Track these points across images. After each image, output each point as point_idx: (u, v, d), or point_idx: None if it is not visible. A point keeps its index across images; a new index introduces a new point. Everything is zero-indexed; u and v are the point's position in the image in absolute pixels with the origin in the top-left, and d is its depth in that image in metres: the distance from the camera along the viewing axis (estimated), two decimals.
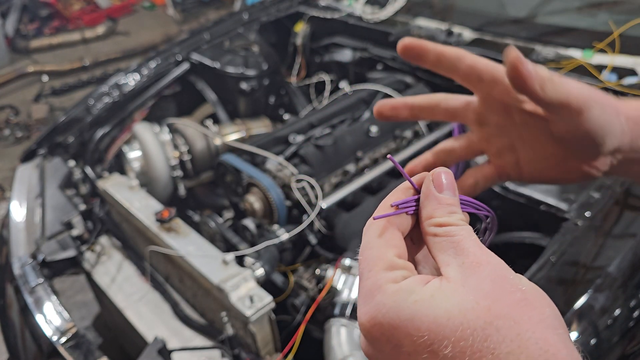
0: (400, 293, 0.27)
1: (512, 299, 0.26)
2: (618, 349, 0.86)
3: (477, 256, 0.28)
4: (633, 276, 0.90)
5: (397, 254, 0.30)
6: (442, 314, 0.26)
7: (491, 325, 0.25)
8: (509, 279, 0.27)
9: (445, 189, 0.32)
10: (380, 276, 0.29)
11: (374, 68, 1.80)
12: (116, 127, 1.70)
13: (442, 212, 0.31)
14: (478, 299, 0.26)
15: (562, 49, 1.45)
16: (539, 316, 0.26)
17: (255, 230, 1.26)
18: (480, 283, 0.27)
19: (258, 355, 1.01)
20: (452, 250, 0.29)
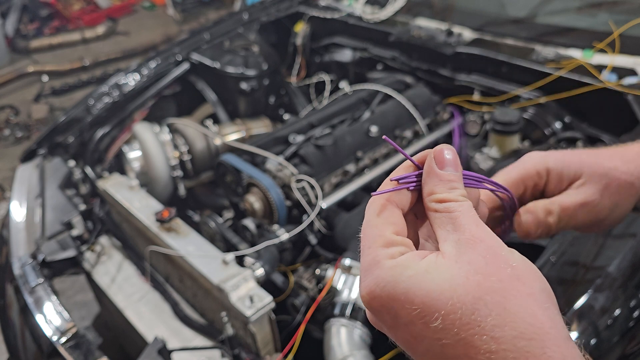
0: (397, 268, 0.29)
1: (503, 274, 0.28)
2: (618, 349, 0.86)
3: (473, 233, 0.30)
4: (633, 276, 0.90)
5: (395, 231, 0.32)
6: (434, 289, 0.27)
7: (480, 300, 0.26)
8: (501, 255, 0.29)
9: (447, 165, 0.33)
10: (379, 252, 0.30)
11: (374, 68, 1.80)
12: (116, 127, 1.70)
13: (443, 188, 0.32)
14: (469, 275, 0.27)
15: (562, 49, 1.45)
16: (527, 290, 0.27)
17: (255, 230, 1.26)
18: (473, 259, 0.28)
19: (258, 356, 1.01)
20: (451, 226, 0.30)
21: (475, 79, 1.53)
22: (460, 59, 1.55)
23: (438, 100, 1.58)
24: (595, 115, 1.33)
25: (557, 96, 1.35)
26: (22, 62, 4.49)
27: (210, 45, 1.86)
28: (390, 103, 1.54)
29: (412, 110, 1.51)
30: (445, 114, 1.58)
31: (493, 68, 1.49)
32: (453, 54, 1.55)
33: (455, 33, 1.62)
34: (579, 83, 1.30)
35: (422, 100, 1.55)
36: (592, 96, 1.28)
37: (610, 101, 1.26)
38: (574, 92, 1.30)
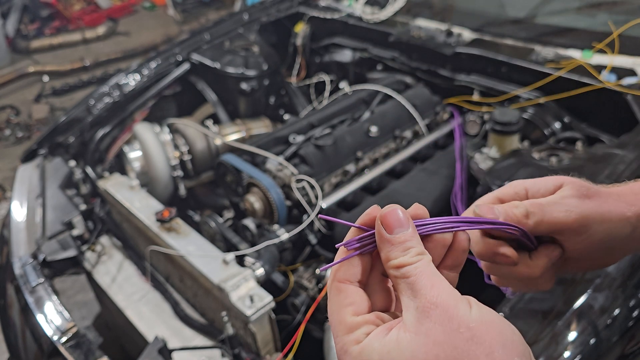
0: (363, 353, 0.31)
1: (458, 340, 0.29)
2: (617, 348, 0.86)
3: (428, 297, 0.30)
4: (632, 276, 0.90)
5: (354, 312, 0.33)
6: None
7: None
8: (458, 318, 0.29)
9: (395, 228, 0.33)
10: (345, 340, 0.32)
11: (373, 68, 1.80)
12: (117, 127, 1.71)
13: (397, 253, 0.33)
14: (428, 348, 0.29)
15: (562, 49, 1.45)
16: (484, 351, 0.28)
17: (255, 230, 1.27)
18: (430, 329, 0.29)
19: (258, 355, 1.02)
20: (409, 292, 0.31)
21: (475, 79, 1.53)
22: (459, 59, 1.56)
23: (438, 101, 1.59)
24: (595, 116, 1.33)
25: (556, 96, 1.35)
26: (22, 63, 4.49)
27: (211, 45, 1.86)
28: (390, 103, 1.54)
29: (412, 111, 1.51)
30: (445, 114, 1.58)
31: (492, 68, 1.50)
32: (453, 54, 1.56)
33: (455, 33, 1.62)
34: (578, 83, 1.31)
35: (421, 100, 1.55)
36: (592, 96, 1.28)
37: (610, 101, 1.26)
38: (574, 92, 1.31)
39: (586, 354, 0.80)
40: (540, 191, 0.43)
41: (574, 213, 0.40)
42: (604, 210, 0.41)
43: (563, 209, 0.40)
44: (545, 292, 0.87)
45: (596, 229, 0.41)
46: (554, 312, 0.83)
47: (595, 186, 0.43)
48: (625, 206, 0.42)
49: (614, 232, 0.41)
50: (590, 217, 0.41)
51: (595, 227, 0.41)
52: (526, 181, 0.44)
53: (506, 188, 0.44)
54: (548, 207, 0.40)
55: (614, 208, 0.42)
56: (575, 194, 0.41)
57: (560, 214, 0.40)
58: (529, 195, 0.43)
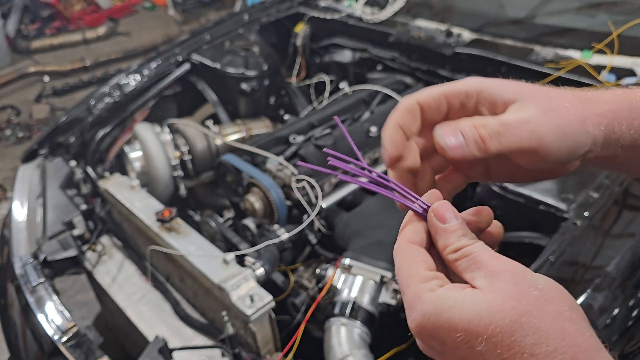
0: (438, 300, 0.32)
1: (532, 297, 0.30)
2: (617, 348, 0.86)
3: (496, 265, 0.33)
4: (632, 276, 0.90)
5: (426, 267, 0.35)
6: (473, 317, 0.31)
7: (516, 322, 0.30)
8: (527, 280, 0.31)
9: (448, 219, 0.36)
10: (419, 288, 0.34)
11: (373, 68, 1.81)
12: (117, 128, 1.71)
13: (454, 239, 0.35)
14: (503, 301, 0.30)
15: (561, 49, 1.45)
16: (555, 309, 0.30)
17: (255, 230, 1.27)
18: (503, 287, 0.31)
19: (258, 355, 1.02)
20: (473, 266, 0.33)
21: None
22: (459, 60, 1.56)
23: None
24: None
25: None
26: (23, 63, 4.49)
27: (211, 45, 1.86)
28: (389, 103, 1.54)
29: None
30: None
31: (492, 68, 1.50)
32: (452, 55, 1.56)
33: (455, 34, 1.63)
34: (578, 83, 1.31)
35: None
36: None
37: None
38: None
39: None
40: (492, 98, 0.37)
41: (539, 133, 0.35)
42: (566, 123, 0.36)
43: (529, 129, 0.35)
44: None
45: (556, 147, 0.36)
46: None
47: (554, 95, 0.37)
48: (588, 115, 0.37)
49: (574, 146, 0.37)
50: (554, 133, 0.36)
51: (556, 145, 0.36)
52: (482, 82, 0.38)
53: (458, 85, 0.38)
54: (518, 127, 0.35)
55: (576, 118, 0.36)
56: (539, 110, 0.36)
57: (527, 134, 0.35)
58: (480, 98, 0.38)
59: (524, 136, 0.36)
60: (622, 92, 0.39)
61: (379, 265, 1.06)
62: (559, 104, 0.37)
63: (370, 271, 1.05)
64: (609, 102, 0.38)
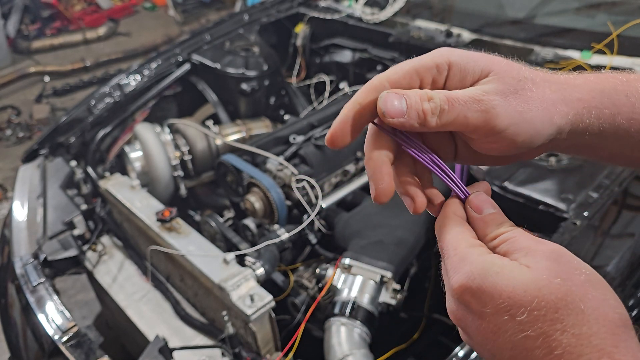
0: (485, 264, 0.32)
1: (579, 279, 0.31)
2: None
3: (540, 247, 0.33)
4: (631, 275, 0.90)
5: (473, 236, 0.35)
6: (519, 286, 0.30)
7: (562, 300, 0.30)
8: (574, 264, 0.32)
9: (484, 209, 0.36)
10: (466, 251, 0.34)
11: (373, 69, 1.81)
12: (117, 128, 1.71)
13: (492, 228, 0.35)
14: (550, 278, 0.30)
15: (561, 49, 1.45)
16: (601, 296, 0.30)
17: (255, 230, 1.27)
18: (549, 266, 0.31)
19: (258, 354, 1.02)
20: (516, 249, 0.33)
21: None
22: None
23: None
24: None
25: None
26: (23, 63, 4.50)
27: (211, 46, 1.87)
28: None
29: None
30: None
31: None
32: None
33: (455, 34, 1.63)
34: None
35: None
36: None
37: None
38: None
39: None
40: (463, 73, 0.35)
41: (490, 114, 0.33)
42: (527, 109, 0.34)
43: (479, 108, 0.33)
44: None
45: (513, 131, 0.34)
46: None
47: (525, 75, 0.35)
48: (556, 102, 0.35)
49: (535, 133, 0.35)
50: (509, 117, 0.34)
51: (511, 129, 0.34)
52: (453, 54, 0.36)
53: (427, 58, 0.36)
54: (464, 105, 0.33)
55: (540, 105, 0.35)
56: (500, 90, 0.34)
57: (475, 114, 0.33)
58: (450, 73, 0.35)
59: (469, 115, 0.34)
60: (595, 78, 0.37)
61: (379, 265, 1.06)
62: (526, 86, 0.35)
63: (370, 271, 1.06)
64: (581, 90, 0.37)
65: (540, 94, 0.35)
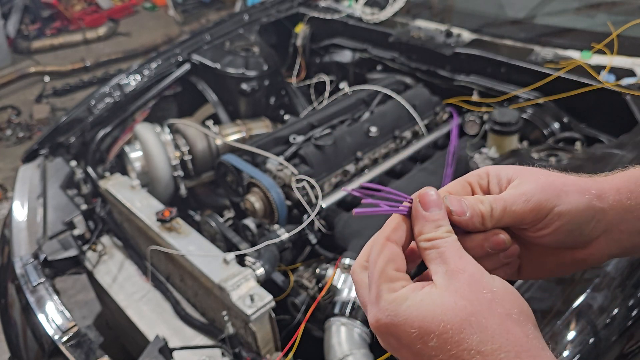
0: (397, 300, 0.35)
1: (484, 298, 0.33)
2: (616, 348, 0.86)
3: (457, 264, 0.35)
4: (631, 275, 0.90)
5: (395, 267, 0.37)
6: (428, 314, 0.33)
7: (466, 321, 0.32)
8: (483, 282, 0.34)
9: (431, 207, 0.38)
10: (382, 287, 0.36)
11: (373, 69, 1.81)
12: (117, 128, 1.71)
13: (430, 228, 0.37)
14: (456, 301, 0.33)
15: (561, 49, 1.45)
16: (504, 311, 0.32)
17: (255, 230, 1.27)
18: (459, 287, 0.34)
19: (258, 354, 1.02)
20: (439, 260, 0.36)
21: (474, 80, 1.54)
22: (459, 60, 1.56)
23: (437, 101, 1.59)
24: (594, 116, 1.33)
25: (555, 97, 1.36)
26: (23, 63, 4.50)
27: (211, 46, 1.87)
28: (389, 103, 1.54)
29: (411, 111, 1.52)
30: (445, 114, 1.59)
31: (492, 69, 1.50)
32: (452, 55, 1.56)
33: (454, 34, 1.63)
34: (577, 83, 1.31)
35: (421, 100, 1.56)
36: (591, 97, 1.29)
37: (609, 101, 1.26)
38: (573, 92, 1.31)
39: (585, 353, 0.80)
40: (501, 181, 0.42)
41: (532, 202, 0.39)
42: (563, 192, 0.40)
43: (523, 200, 0.39)
44: (544, 292, 0.87)
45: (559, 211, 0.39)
46: (553, 312, 0.83)
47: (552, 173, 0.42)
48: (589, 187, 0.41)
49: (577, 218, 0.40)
50: (551, 200, 0.39)
51: (558, 209, 0.39)
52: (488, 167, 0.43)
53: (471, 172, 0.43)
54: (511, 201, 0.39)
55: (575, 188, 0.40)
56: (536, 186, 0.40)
57: (521, 206, 0.39)
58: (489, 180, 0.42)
59: (518, 209, 0.39)
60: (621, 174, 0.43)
61: None
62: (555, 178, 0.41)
63: None
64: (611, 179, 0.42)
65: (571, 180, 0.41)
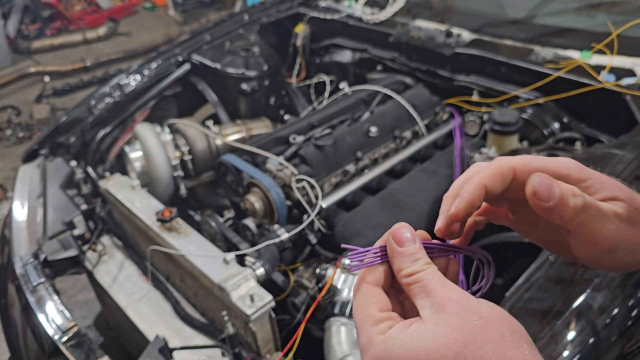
0: (388, 341, 0.34)
1: (474, 325, 0.32)
2: (616, 348, 0.86)
3: (442, 294, 0.34)
4: (631, 276, 0.90)
5: (379, 308, 0.37)
6: (420, 352, 0.32)
7: (460, 353, 0.31)
8: (471, 309, 0.33)
9: (405, 242, 0.38)
10: (370, 331, 0.35)
11: (373, 69, 1.81)
12: (118, 128, 1.71)
13: (408, 263, 0.37)
14: (447, 334, 0.32)
15: (561, 49, 1.45)
16: (497, 335, 0.32)
17: (255, 230, 1.27)
18: (447, 319, 0.33)
19: (258, 354, 1.02)
20: (423, 294, 0.35)
21: (474, 80, 1.54)
22: (459, 60, 1.56)
23: (437, 101, 1.59)
24: (594, 116, 1.33)
25: (555, 97, 1.36)
26: (23, 63, 4.50)
27: (211, 46, 1.87)
28: (389, 103, 1.54)
29: (411, 111, 1.52)
30: (445, 114, 1.59)
31: (492, 69, 1.50)
32: (452, 55, 1.56)
33: (454, 34, 1.63)
34: (577, 83, 1.31)
35: (421, 100, 1.56)
36: (591, 97, 1.29)
37: (609, 101, 1.26)
38: (573, 92, 1.31)
39: (585, 353, 0.80)
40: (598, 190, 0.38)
41: (615, 237, 0.37)
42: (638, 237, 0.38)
43: (611, 228, 0.37)
44: (544, 292, 0.87)
45: (622, 255, 0.38)
46: (553, 312, 0.83)
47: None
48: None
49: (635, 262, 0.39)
50: (625, 243, 0.37)
51: (622, 252, 0.38)
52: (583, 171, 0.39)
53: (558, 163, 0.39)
54: (601, 216, 0.37)
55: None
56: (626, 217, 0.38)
57: (605, 231, 0.37)
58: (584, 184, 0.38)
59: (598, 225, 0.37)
60: None
61: None
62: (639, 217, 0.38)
63: None
64: None
65: None
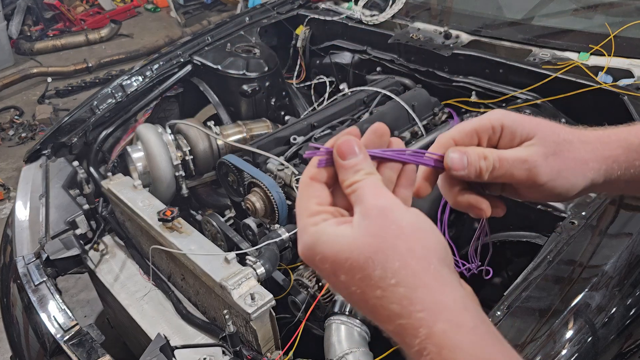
0: (316, 234, 0.36)
1: (389, 234, 0.34)
2: (614, 346, 0.87)
3: (370, 202, 0.36)
4: (629, 275, 0.91)
5: (317, 202, 0.39)
6: (337, 250, 0.35)
7: (369, 258, 0.34)
8: (390, 217, 0.35)
9: (348, 154, 0.39)
10: (305, 221, 0.38)
11: (373, 70, 1.82)
12: (120, 128, 1.72)
13: (349, 174, 0.39)
14: (364, 239, 0.34)
15: (559, 51, 1.46)
16: (406, 246, 0.34)
17: (256, 229, 1.28)
18: (368, 224, 0.35)
19: (259, 353, 1.03)
20: (358, 201, 0.37)
21: (473, 81, 1.54)
22: (457, 61, 1.57)
23: (436, 102, 1.60)
24: (591, 116, 1.34)
25: (553, 97, 1.37)
26: (26, 64, 4.52)
27: (213, 47, 1.88)
28: (388, 104, 1.55)
29: (410, 111, 1.52)
30: (443, 115, 1.60)
31: (490, 70, 1.51)
32: (450, 56, 1.57)
33: (453, 35, 1.64)
34: (575, 84, 1.32)
35: (420, 101, 1.57)
36: (588, 97, 1.30)
37: (606, 102, 1.27)
38: (570, 93, 1.32)
39: (583, 352, 0.81)
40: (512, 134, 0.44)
41: (532, 172, 0.42)
42: (564, 168, 0.43)
43: (524, 167, 0.42)
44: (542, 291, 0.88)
45: (551, 185, 0.43)
46: (552, 311, 0.84)
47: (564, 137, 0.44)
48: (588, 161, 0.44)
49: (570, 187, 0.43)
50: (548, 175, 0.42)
51: (551, 183, 0.43)
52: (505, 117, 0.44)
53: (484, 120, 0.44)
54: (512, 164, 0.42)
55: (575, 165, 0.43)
56: (542, 152, 0.42)
57: (520, 172, 0.42)
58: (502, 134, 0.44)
59: (516, 173, 0.42)
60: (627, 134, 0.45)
61: None
62: (564, 148, 0.43)
63: None
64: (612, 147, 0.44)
65: (575, 154, 0.43)
